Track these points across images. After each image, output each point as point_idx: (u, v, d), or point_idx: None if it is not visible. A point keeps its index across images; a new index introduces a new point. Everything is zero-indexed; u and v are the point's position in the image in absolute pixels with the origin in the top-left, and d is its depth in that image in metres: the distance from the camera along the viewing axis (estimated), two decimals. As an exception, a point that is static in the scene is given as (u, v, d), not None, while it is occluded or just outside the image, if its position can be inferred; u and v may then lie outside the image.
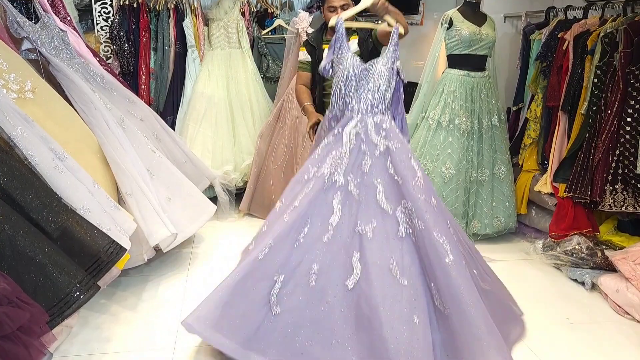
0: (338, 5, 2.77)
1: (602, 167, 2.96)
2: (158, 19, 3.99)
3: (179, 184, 3.06)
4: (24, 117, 2.14)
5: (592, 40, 3.12)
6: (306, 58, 2.97)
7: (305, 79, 2.98)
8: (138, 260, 2.67)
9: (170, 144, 3.32)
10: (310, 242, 2.14)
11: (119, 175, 2.64)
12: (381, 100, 2.29)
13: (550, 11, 3.78)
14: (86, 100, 2.69)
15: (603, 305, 2.76)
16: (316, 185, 2.20)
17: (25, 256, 1.77)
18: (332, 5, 2.79)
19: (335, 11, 2.77)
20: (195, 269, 3.12)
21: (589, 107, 3.09)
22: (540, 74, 3.54)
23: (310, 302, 2.08)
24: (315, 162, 2.30)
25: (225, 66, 4.08)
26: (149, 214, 2.64)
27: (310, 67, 2.96)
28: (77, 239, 1.98)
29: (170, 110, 4.05)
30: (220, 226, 3.77)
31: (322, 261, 2.11)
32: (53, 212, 1.95)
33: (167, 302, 2.74)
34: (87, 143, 2.61)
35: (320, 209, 2.18)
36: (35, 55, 2.71)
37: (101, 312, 2.61)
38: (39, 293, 1.78)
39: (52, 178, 2.09)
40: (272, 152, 3.83)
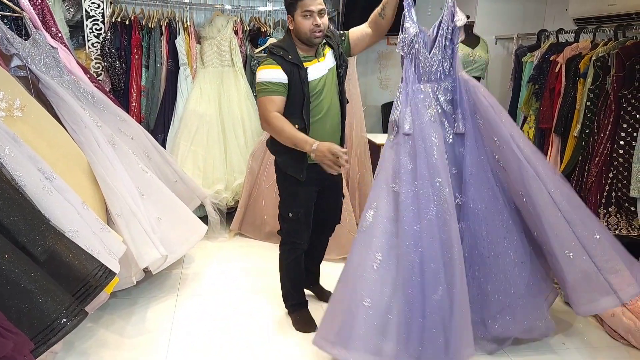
0: (316, 10, 2.28)
1: (595, 190, 2.96)
2: (150, 36, 3.97)
3: (170, 203, 3.01)
4: (12, 137, 2.09)
5: (585, 64, 3.14)
6: (282, 80, 2.30)
7: (280, 104, 2.32)
8: (127, 283, 2.61)
9: (161, 162, 3.27)
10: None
11: (108, 195, 2.59)
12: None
13: (541, 34, 3.81)
14: (76, 119, 2.64)
15: (598, 330, 2.73)
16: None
17: (10, 281, 1.71)
18: (309, 10, 2.27)
19: (312, 17, 2.27)
20: (185, 290, 3.06)
21: (582, 130, 3.10)
22: (533, 96, 3.56)
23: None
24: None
25: (218, 84, 4.06)
26: (139, 235, 2.58)
27: (288, 91, 2.33)
28: (64, 262, 1.92)
29: (161, 128, 4.01)
30: (211, 246, 3.71)
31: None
32: (40, 234, 1.89)
33: (156, 326, 2.67)
34: (77, 162, 2.55)
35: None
36: (25, 73, 2.66)
37: (88, 336, 2.53)
38: (24, 320, 1.72)
39: (40, 199, 2.04)
40: (264, 171, 3.79)
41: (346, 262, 2.28)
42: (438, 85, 2.32)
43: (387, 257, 2.15)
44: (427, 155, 2.18)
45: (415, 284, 2.11)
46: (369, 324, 2.09)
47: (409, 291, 2.11)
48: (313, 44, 2.37)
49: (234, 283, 3.19)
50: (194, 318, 2.77)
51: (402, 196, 2.17)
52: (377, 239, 2.17)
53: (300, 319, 2.71)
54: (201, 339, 2.58)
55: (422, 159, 2.18)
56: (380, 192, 2.24)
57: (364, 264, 2.15)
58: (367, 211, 2.24)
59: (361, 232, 2.24)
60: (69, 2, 3.97)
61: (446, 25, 2.31)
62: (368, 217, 2.22)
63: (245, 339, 2.58)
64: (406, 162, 2.20)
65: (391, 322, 2.11)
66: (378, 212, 2.20)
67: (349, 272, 2.23)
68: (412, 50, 2.29)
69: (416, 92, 2.28)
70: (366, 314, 2.09)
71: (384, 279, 2.13)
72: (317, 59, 2.41)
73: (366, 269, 2.14)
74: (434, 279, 2.13)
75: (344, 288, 2.24)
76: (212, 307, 2.89)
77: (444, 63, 2.32)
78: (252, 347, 2.52)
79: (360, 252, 2.19)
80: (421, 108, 2.25)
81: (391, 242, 2.17)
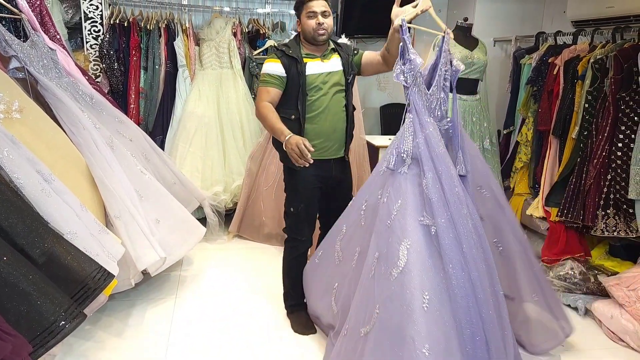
0: (319, 11, 2.46)
1: (594, 192, 2.96)
2: (149, 38, 3.97)
3: (169, 205, 3.00)
4: (10, 139, 2.08)
5: (583, 66, 3.15)
6: (279, 72, 2.47)
7: (275, 96, 2.48)
8: (125, 285, 2.60)
9: (159, 164, 3.26)
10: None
11: (107, 197, 2.59)
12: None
13: (539, 36, 3.82)
14: (75, 120, 2.64)
15: (597, 332, 2.74)
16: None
17: (9, 284, 1.70)
18: (313, 11, 2.45)
19: (315, 17, 2.45)
20: (184, 292, 3.05)
21: (580, 132, 3.10)
22: (531, 98, 3.57)
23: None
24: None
25: (216, 86, 4.06)
26: (138, 237, 2.58)
27: (283, 86, 2.50)
28: (63, 265, 1.92)
29: (160, 130, 4.00)
30: (210, 248, 3.70)
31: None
32: (39, 237, 1.89)
33: (155, 328, 2.67)
34: (75, 164, 2.55)
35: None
36: (23, 74, 2.65)
37: (86, 338, 2.53)
38: (22, 322, 1.71)
39: (38, 201, 2.03)
40: (262, 173, 3.79)
41: (383, 311, 1.98)
42: (439, 124, 2.25)
43: (435, 295, 1.92)
44: (451, 185, 2.06)
45: (471, 321, 1.93)
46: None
47: (469, 329, 1.93)
48: (317, 42, 2.51)
49: (232, 285, 3.18)
50: (193, 320, 2.76)
51: (439, 229, 1.99)
52: (420, 278, 1.94)
53: (298, 321, 2.70)
54: (200, 340, 2.58)
55: (440, 189, 2.05)
56: (406, 226, 2.04)
57: (412, 307, 1.90)
58: (398, 248, 2.01)
59: (396, 273, 1.98)
60: (68, 4, 3.97)
61: (444, 68, 2.25)
62: (401, 255, 1.99)
63: (244, 340, 2.58)
64: (430, 194, 2.04)
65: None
66: (412, 248, 1.99)
67: (393, 320, 1.94)
68: (416, 81, 2.19)
69: (426, 124, 2.16)
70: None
71: (437, 320, 1.90)
72: (320, 59, 2.54)
73: (417, 311, 1.88)
74: (487, 314, 1.97)
75: (386, 335, 1.95)
76: (211, 308, 2.89)
77: (442, 105, 2.26)
78: (251, 347, 2.52)
79: (403, 294, 1.93)
80: (434, 139, 2.13)
81: (434, 279, 1.96)
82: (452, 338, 1.89)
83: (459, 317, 1.91)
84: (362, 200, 2.34)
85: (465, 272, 1.96)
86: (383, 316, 1.96)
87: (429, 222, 2.02)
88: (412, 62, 2.19)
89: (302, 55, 2.51)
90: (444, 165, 2.08)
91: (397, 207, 2.09)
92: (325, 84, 2.52)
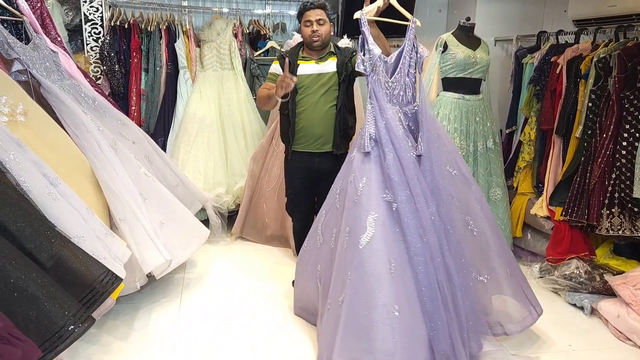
0: (314, 20, 2.76)
1: (598, 191, 2.96)
2: (149, 40, 3.95)
3: (172, 207, 2.99)
4: (16, 142, 2.07)
5: (586, 65, 3.15)
6: (278, 71, 2.88)
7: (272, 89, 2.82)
8: (131, 288, 2.58)
9: (162, 166, 3.25)
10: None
11: (111, 200, 2.57)
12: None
13: (541, 35, 3.82)
14: (78, 123, 2.62)
15: (603, 331, 2.73)
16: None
17: (18, 288, 1.69)
18: (308, 20, 2.77)
19: (310, 25, 2.77)
20: (189, 295, 3.04)
21: (584, 131, 3.10)
22: (534, 97, 3.56)
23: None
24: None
25: (218, 87, 4.05)
26: (143, 240, 2.57)
27: None
28: (71, 268, 1.90)
29: (161, 132, 3.99)
30: (213, 250, 3.69)
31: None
32: (47, 240, 1.87)
33: (160, 331, 2.65)
34: (79, 167, 2.53)
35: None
36: (26, 77, 2.64)
37: (92, 342, 2.51)
38: (31, 327, 1.70)
39: (45, 205, 2.02)
40: (265, 174, 3.78)
41: (353, 276, 2.18)
42: (400, 108, 2.44)
43: (399, 263, 2.16)
44: (409, 165, 2.28)
45: (430, 287, 2.15)
46: (404, 331, 2.07)
47: (427, 296, 2.14)
48: (313, 47, 2.84)
49: (236, 286, 3.17)
50: (198, 322, 2.75)
51: (396, 204, 2.23)
52: (386, 247, 2.18)
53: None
54: (206, 341, 2.57)
55: (400, 169, 2.27)
56: (371, 201, 2.27)
57: (383, 273, 2.13)
58: (364, 220, 2.22)
59: (365, 242, 2.20)
60: (68, 6, 3.96)
61: (409, 55, 2.43)
62: (369, 225, 2.21)
63: (248, 341, 2.57)
64: (392, 173, 2.27)
65: (419, 326, 2.12)
66: (377, 222, 2.22)
67: (364, 283, 2.15)
68: (375, 69, 2.41)
69: (386, 109, 2.39)
70: (400, 322, 2.07)
71: (402, 284, 2.13)
72: (314, 61, 2.86)
73: (387, 278, 2.12)
74: (444, 281, 2.20)
75: (362, 301, 2.13)
76: (215, 310, 2.88)
77: (407, 90, 2.45)
78: (254, 348, 2.52)
79: (372, 262, 2.16)
80: (393, 123, 2.36)
81: (398, 248, 2.19)
82: (415, 300, 2.13)
83: (419, 281, 2.15)
84: (337, 186, 2.53)
85: (424, 243, 2.19)
86: (354, 282, 2.16)
87: (390, 198, 2.25)
88: (371, 52, 2.41)
89: (298, 57, 2.86)
90: (402, 147, 2.30)
91: (363, 184, 2.31)
92: (314, 84, 2.83)
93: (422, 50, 2.47)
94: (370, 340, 2.06)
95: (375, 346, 2.05)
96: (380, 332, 2.06)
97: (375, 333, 2.06)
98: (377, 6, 2.53)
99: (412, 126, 2.44)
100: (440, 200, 2.33)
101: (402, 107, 2.44)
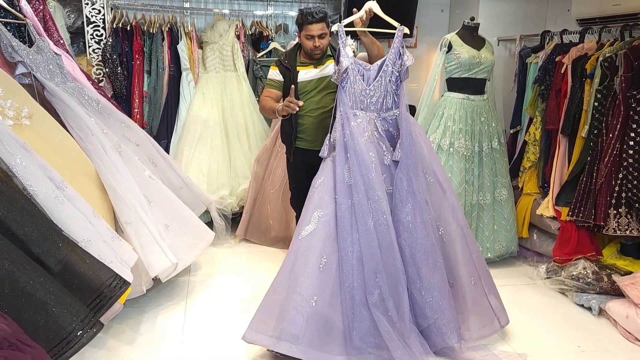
0: (316, 34, 2.77)
1: (605, 191, 2.95)
2: (152, 42, 3.94)
3: (177, 210, 2.97)
4: (22, 145, 2.05)
5: (591, 64, 3.13)
6: (278, 77, 2.93)
7: (275, 97, 2.92)
8: (137, 292, 2.57)
9: (166, 168, 3.24)
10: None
11: (117, 203, 2.55)
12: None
13: (545, 35, 3.81)
14: (82, 126, 2.61)
15: (612, 332, 2.72)
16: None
17: (26, 293, 1.67)
18: (310, 34, 2.78)
19: (312, 39, 2.79)
20: (194, 298, 3.02)
21: (590, 131, 3.09)
22: (539, 97, 3.55)
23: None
24: None
25: (220, 89, 4.03)
26: (149, 243, 2.55)
27: (282, 88, 2.92)
28: (78, 273, 1.89)
29: (164, 134, 3.98)
30: (217, 252, 3.67)
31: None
32: (54, 245, 1.86)
33: (166, 335, 2.63)
34: (84, 170, 2.52)
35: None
36: (30, 80, 2.62)
37: (98, 346, 2.49)
38: (40, 333, 1.68)
39: (52, 209, 2.00)
40: (269, 176, 3.76)
41: (286, 261, 2.41)
42: (377, 115, 2.54)
43: (330, 260, 2.34)
44: (365, 173, 2.40)
45: (352, 287, 2.31)
46: (316, 321, 2.26)
47: (348, 294, 2.31)
48: (313, 59, 2.91)
49: (241, 288, 3.15)
50: (204, 324, 2.74)
51: (343, 207, 2.38)
52: (322, 243, 2.36)
53: None
54: (211, 344, 2.55)
55: (359, 175, 2.40)
56: (323, 200, 2.44)
57: (311, 265, 2.31)
58: (310, 215, 2.42)
59: (305, 234, 2.39)
60: (70, 9, 3.94)
61: (392, 63, 2.52)
62: (313, 219, 2.40)
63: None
64: (346, 177, 2.42)
65: (336, 319, 2.30)
66: (322, 218, 2.39)
67: (293, 270, 2.35)
68: (346, 80, 2.52)
69: (351, 117, 2.49)
70: (314, 312, 2.25)
71: (329, 280, 2.32)
72: (313, 66, 2.91)
73: (313, 270, 2.31)
74: (373, 283, 2.33)
75: (285, 286, 2.35)
76: (220, 312, 2.86)
77: (387, 96, 2.54)
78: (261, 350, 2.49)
79: (305, 253, 2.35)
80: (356, 131, 2.46)
81: (334, 246, 2.37)
82: (337, 296, 2.31)
83: (344, 279, 2.32)
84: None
85: (355, 254, 2.34)
86: (285, 265, 2.39)
87: (341, 200, 2.39)
88: (341, 64, 2.51)
89: (297, 63, 2.91)
90: (362, 155, 2.41)
91: (319, 182, 2.50)
92: (315, 88, 2.90)
93: (406, 58, 2.53)
94: (281, 320, 2.25)
95: (282, 326, 2.24)
96: (290, 316, 2.24)
97: (286, 316, 2.25)
98: (359, 16, 2.64)
99: (392, 131, 2.56)
100: (415, 203, 2.43)
101: (380, 113, 2.55)
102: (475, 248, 2.64)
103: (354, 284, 2.32)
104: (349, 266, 2.33)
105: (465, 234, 2.58)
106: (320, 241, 2.36)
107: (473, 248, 2.60)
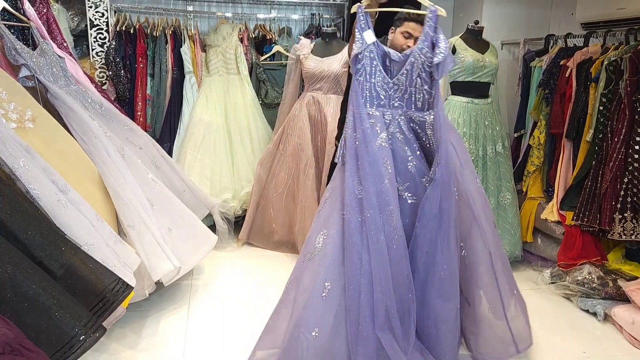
0: (414, 35, 2.40)
1: (610, 195, 2.93)
2: (155, 45, 3.93)
3: (180, 214, 2.96)
4: (25, 148, 2.04)
5: (596, 68, 3.12)
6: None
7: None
8: (139, 296, 2.55)
9: (169, 172, 3.23)
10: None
11: (120, 206, 2.54)
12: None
13: (549, 38, 3.80)
14: (86, 129, 2.60)
15: (618, 337, 2.70)
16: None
17: (28, 298, 1.66)
18: (408, 32, 2.42)
19: (410, 38, 2.42)
20: (197, 302, 3.01)
21: (595, 135, 3.07)
22: (543, 100, 3.54)
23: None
24: None
25: (224, 92, 4.02)
26: (152, 247, 2.54)
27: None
28: (81, 277, 1.88)
29: (167, 137, 3.97)
30: (220, 256, 3.66)
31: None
32: (57, 249, 1.85)
33: (169, 339, 2.62)
34: (87, 173, 2.51)
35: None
36: (33, 83, 2.62)
37: (100, 350, 2.47)
38: (42, 337, 1.67)
39: (55, 213, 1.99)
40: (272, 179, 3.75)
41: (289, 288, 2.23)
42: (402, 112, 2.20)
43: (334, 287, 2.09)
44: (377, 183, 2.09)
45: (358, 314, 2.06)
46: (317, 353, 2.08)
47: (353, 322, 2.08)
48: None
49: (244, 292, 3.14)
50: (206, 328, 2.72)
51: (352, 224, 2.09)
52: (327, 268, 2.11)
53: None
54: (214, 348, 2.53)
55: (371, 186, 2.08)
56: (330, 218, 2.17)
57: (314, 293, 2.09)
58: (316, 236, 2.17)
59: (310, 257, 2.16)
60: (73, 11, 3.94)
61: (421, 54, 2.14)
62: (317, 243, 2.15)
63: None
64: (356, 189, 2.12)
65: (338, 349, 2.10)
66: (328, 240, 2.13)
67: (298, 295, 2.16)
68: (360, 72, 2.16)
69: (364, 117, 2.15)
70: (315, 345, 2.06)
71: (332, 308, 2.10)
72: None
73: (315, 299, 2.09)
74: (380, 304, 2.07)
75: (287, 315, 2.19)
76: (223, 316, 2.85)
77: (415, 94, 2.20)
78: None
79: (310, 278, 2.13)
80: (370, 134, 2.13)
81: (340, 271, 2.11)
82: (340, 322, 2.08)
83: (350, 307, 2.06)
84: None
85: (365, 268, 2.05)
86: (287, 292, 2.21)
87: (350, 217, 2.08)
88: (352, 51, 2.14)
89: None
90: (376, 162, 2.09)
91: (326, 197, 2.22)
92: None
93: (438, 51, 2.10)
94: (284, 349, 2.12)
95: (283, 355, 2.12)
96: (292, 347, 2.09)
97: (289, 346, 2.10)
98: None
99: (420, 134, 2.22)
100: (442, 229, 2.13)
101: (407, 112, 2.21)
102: (505, 272, 2.37)
103: (359, 309, 2.06)
104: (355, 293, 2.06)
105: (493, 258, 2.29)
106: (323, 266, 2.11)
107: (500, 275, 2.31)
